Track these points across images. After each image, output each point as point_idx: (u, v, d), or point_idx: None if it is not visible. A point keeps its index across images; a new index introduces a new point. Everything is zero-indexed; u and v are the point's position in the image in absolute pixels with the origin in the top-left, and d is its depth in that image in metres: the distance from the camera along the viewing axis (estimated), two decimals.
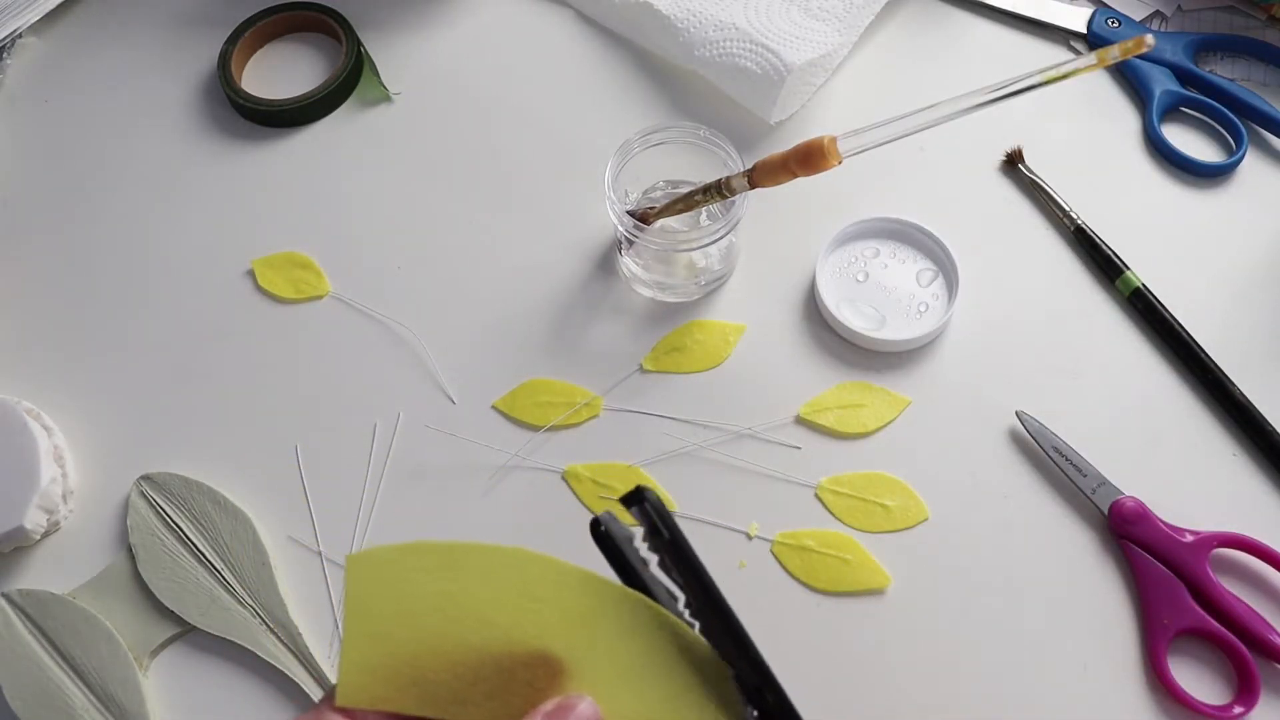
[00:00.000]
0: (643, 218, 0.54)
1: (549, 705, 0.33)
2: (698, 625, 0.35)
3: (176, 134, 0.65)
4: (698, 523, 0.52)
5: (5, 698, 0.48)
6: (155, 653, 0.50)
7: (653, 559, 0.35)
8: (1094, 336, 0.56)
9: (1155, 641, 0.48)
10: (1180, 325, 0.55)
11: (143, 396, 0.57)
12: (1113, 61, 0.42)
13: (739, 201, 0.53)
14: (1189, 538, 0.49)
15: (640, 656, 0.34)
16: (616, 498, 0.35)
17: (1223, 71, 0.64)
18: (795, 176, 0.50)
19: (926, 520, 0.51)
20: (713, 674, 0.35)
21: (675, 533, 0.34)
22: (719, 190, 0.52)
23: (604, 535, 0.35)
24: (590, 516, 0.36)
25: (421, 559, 0.34)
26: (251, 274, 0.60)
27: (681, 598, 0.35)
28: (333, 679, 0.49)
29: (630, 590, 0.35)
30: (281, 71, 0.67)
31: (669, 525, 0.34)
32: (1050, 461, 0.52)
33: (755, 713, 0.35)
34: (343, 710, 0.32)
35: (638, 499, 0.35)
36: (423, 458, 0.54)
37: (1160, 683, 0.47)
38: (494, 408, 0.55)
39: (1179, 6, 0.66)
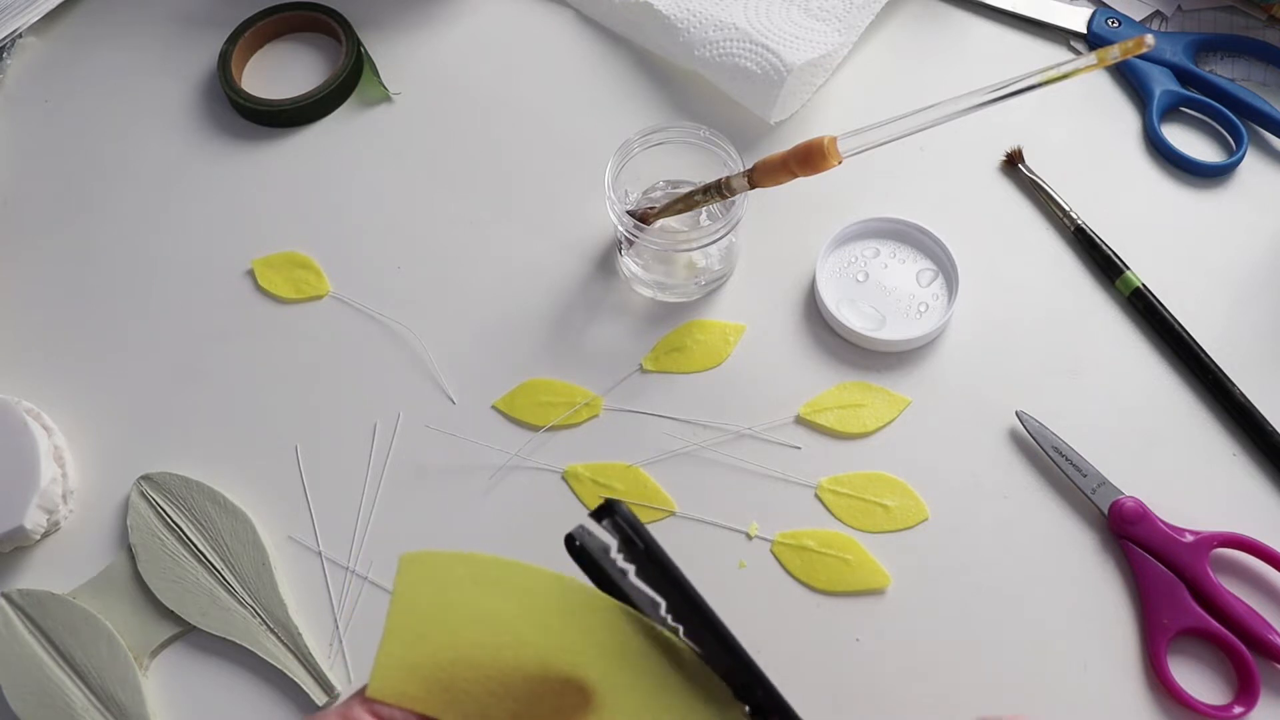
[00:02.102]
0: (643, 218, 0.54)
1: None
2: (680, 629, 0.35)
3: (176, 134, 0.65)
4: (698, 523, 0.52)
5: (5, 698, 0.48)
6: (155, 653, 0.50)
7: (630, 568, 0.35)
8: (1094, 336, 0.56)
9: (1155, 641, 0.48)
10: (1180, 325, 0.55)
11: (143, 396, 0.57)
12: (1113, 61, 0.42)
13: (739, 201, 0.53)
14: (1189, 538, 0.49)
15: (668, 701, 0.34)
16: (595, 506, 0.35)
17: (1223, 71, 0.64)
18: (795, 176, 0.50)
19: (926, 520, 0.51)
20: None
21: (649, 542, 0.35)
22: (719, 190, 0.52)
23: (580, 550, 0.35)
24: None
25: (471, 569, 0.34)
26: (251, 274, 0.60)
27: (663, 603, 0.35)
28: (332, 679, 0.49)
29: (665, 632, 0.35)
30: (281, 71, 0.67)
31: (642, 536, 0.34)
32: (1050, 461, 0.52)
33: (747, 708, 0.35)
34: (370, 708, 0.32)
35: (608, 512, 0.35)
36: (423, 458, 0.54)
37: (1160, 683, 0.47)
38: (494, 408, 0.55)
39: (1179, 6, 0.66)
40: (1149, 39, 0.41)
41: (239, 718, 0.49)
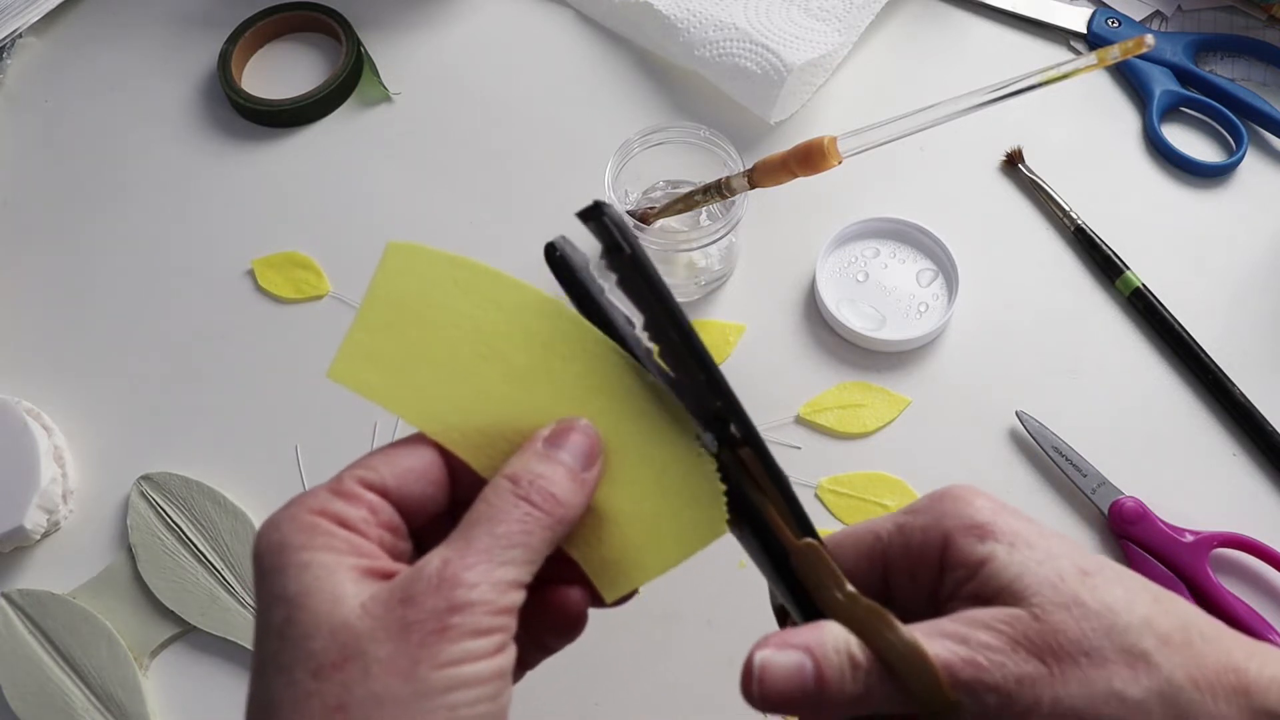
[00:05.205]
0: (643, 218, 0.54)
1: (545, 431, 0.32)
2: (656, 349, 0.33)
3: (176, 134, 0.65)
4: None
5: (5, 698, 0.48)
6: (155, 653, 0.50)
7: (611, 279, 0.33)
8: (1094, 336, 0.56)
9: None
10: (1180, 325, 0.55)
11: (143, 396, 0.57)
12: (1113, 61, 0.42)
13: (739, 201, 0.53)
14: (1189, 538, 0.49)
15: (640, 444, 0.33)
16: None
17: (1223, 71, 0.64)
18: (795, 176, 0.50)
19: None
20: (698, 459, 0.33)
21: (635, 247, 0.32)
22: (719, 190, 0.52)
23: (560, 260, 0.33)
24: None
25: (459, 273, 0.33)
26: (251, 274, 0.60)
27: (640, 321, 0.33)
28: None
29: (645, 371, 0.33)
30: (281, 71, 0.67)
31: (629, 240, 0.32)
32: (1050, 461, 0.52)
33: (715, 441, 0.33)
34: (360, 478, 0.32)
35: (596, 213, 0.32)
36: None
37: None
38: None
39: (1179, 6, 0.66)
40: (1149, 39, 0.41)
41: (239, 718, 0.49)
